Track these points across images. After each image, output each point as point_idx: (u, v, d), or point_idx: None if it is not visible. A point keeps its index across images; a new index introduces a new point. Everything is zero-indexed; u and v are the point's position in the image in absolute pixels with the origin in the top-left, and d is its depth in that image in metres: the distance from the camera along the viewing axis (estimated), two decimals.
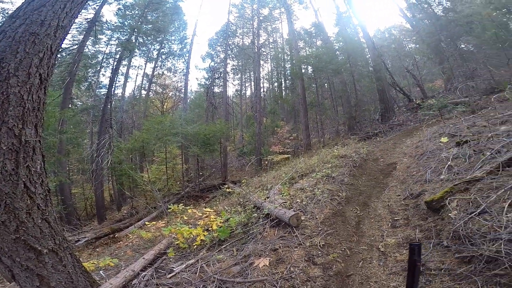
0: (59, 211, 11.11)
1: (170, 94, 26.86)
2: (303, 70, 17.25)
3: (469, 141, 5.20)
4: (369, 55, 16.94)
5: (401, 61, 22.06)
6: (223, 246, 4.26)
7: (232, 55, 25.79)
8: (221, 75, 21.92)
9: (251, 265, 3.34)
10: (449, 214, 3.30)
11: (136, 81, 24.14)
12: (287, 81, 25.27)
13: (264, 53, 26.83)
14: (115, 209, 14.97)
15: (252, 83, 28.05)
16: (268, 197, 5.83)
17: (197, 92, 30.29)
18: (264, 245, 3.80)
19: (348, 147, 9.85)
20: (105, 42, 19.03)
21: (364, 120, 15.02)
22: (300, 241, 3.77)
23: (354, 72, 15.20)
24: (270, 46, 28.94)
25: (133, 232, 6.84)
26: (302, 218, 4.38)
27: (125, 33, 18.21)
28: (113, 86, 17.80)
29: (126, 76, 21.12)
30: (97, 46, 18.40)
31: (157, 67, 24.07)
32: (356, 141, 11.41)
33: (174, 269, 3.76)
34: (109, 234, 8.75)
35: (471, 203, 3.23)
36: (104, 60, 19.34)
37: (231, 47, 24.13)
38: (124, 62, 19.88)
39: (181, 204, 5.92)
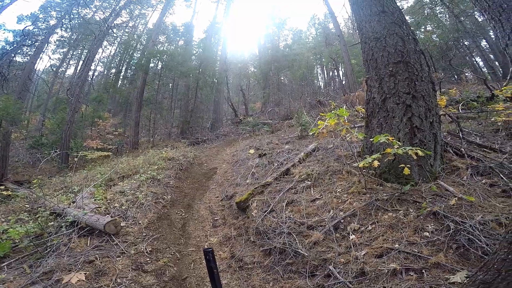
0: None
1: None
2: (152, 65, 16.23)
3: (267, 154, 6.87)
4: (218, 68, 18.34)
5: (240, 80, 25.58)
6: (5, 264, 3.07)
7: (68, 25, 19.22)
8: (35, 43, 15.74)
9: (59, 282, 2.67)
10: (252, 213, 4.17)
11: None
12: (129, 71, 22.21)
13: (114, 35, 22.11)
14: None
15: (81, 62, 22.03)
16: (74, 202, 4.80)
17: None
18: (73, 258, 3.12)
19: (178, 150, 10.07)
20: None
21: (196, 126, 15.96)
22: (122, 249, 3.43)
23: (200, 80, 15.93)
24: (126, 30, 24.38)
25: None
26: (123, 224, 3.99)
27: None
28: None
29: None
30: None
31: None
32: (185, 145, 11.89)
33: None
34: None
35: (264, 203, 4.23)
36: None
37: (72, 16, 18.01)
38: None
39: None
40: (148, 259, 3.39)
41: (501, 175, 3.21)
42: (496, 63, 14.42)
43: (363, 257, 2.51)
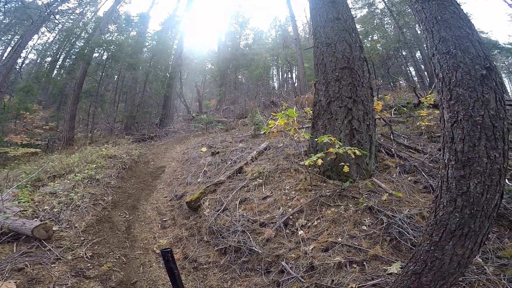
0: None
1: None
2: (96, 55, 14.71)
3: (220, 152, 6.81)
4: (171, 62, 17.39)
5: (195, 76, 24.61)
6: None
7: (2, 9, 15.72)
8: None
9: None
10: (204, 212, 4.08)
11: None
12: (67, 60, 19.47)
13: (57, 21, 18.91)
14: None
15: (10, 48, 18.41)
16: None
17: None
18: None
19: (120, 147, 9.32)
20: None
21: (143, 122, 14.92)
22: (57, 255, 3.13)
23: (151, 73, 15.00)
24: (71, 17, 21.10)
25: None
26: (55, 228, 3.59)
27: None
28: None
29: None
30: None
31: None
32: (130, 141, 11.03)
33: None
34: None
35: (217, 202, 4.19)
36: None
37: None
38: None
39: None
40: (89, 265, 3.13)
41: (422, 173, 3.72)
42: (426, 73, 16.53)
43: (311, 251, 2.66)
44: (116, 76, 17.74)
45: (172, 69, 16.78)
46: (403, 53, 17.86)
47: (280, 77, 26.75)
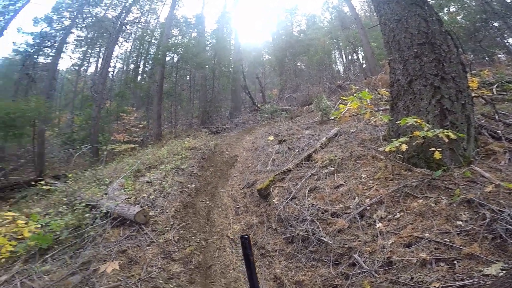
0: None
1: None
2: (168, 58, 16.29)
3: (287, 140, 6.80)
4: (232, 57, 18.26)
5: (255, 68, 25.32)
6: (48, 256, 3.35)
7: (83, 25, 19.72)
8: (54, 44, 16.42)
9: (96, 272, 2.87)
10: (273, 200, 4.17)
11: None
12: (146, 66, 22.54)
13: (129, 31, 22.45)
14: None
15: (100, 60, 22.65)
16: (106, 194, 5.07)
17: (8, 59, 20.94)
18: (107, 247, 3.34)
19: (199, 139, 10.24)
20: None
21: (216, 116, 16.11)
22: (152, 238, 3.60)
23: (216, 70, 15.93)
24: (139, 26, 24.76)
25: None
26: (151, 213, 4.17)
27: None
28: None
29: None
30: None
31: None
32: (206, 134, 12.07)
33: None
34: None
35: (286, 190, 4.21)
36: None
37: (85, 15, 18.54)
38: None
39: None
40: (175, 248, 3.52)
41: None
42: None
43: (391, 246, 2.44)
44: (188, 76, 19.53)
45: (234, 63, 17.50)
46: (495, 24, 14.31)
47: (344, 60, 24.84)
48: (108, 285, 2.70)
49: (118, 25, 16.16)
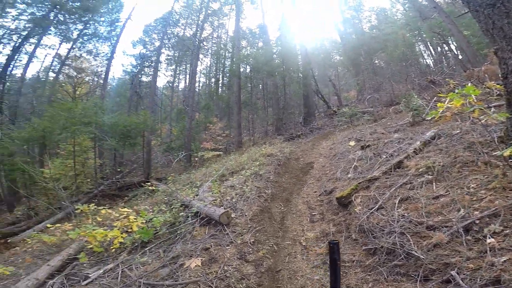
0: None
1: (86, 79, 22.75)
2: (241, 69, 17.22)
3: (371, 146, 6.23)
4: (300, 62, 18.18)
5: (326, 70, 24.60)
6: (147, 248, 3.96)
7: (169, 45, 23.69)
8: (152, 64, 20.06)
9: (182, 266, 3.20)
10: (355, 209, 3.86)
11: (43, 61, 19.27)
12: (224, 78, 24.78)
13: (206, 47, 25.58)
14: (5, 210, 12.02)
15: (188, 76, 26.41)
16: (197, 195, 5.69)
17: (120, 79, 26.69)
18: (194, 244, 3.69)
19: (275, 146, 10.45)
20: (13, 16, 14.71)
21: (289, 122, 16.20)
22: (231, 239, 3.80)
23: (286, 76, 16.09)
24: (213, 41, 28.00)
25: (32, 236, 5.65)
26: (233, 215, 4.43)
27: (43, 9, 14.69)
28: (11, 66, 14.32)
29: (32, 56, 16.43)
30: (0, 20, 14.22)
31: (74, 48, 19.66)
32: (281, 141, 12.24)
33: (90, 275, 3.32)
34: None
35: (371, 199, 3.84)
36: (4, 36, 15.09)
37: (169, 36, 22.27)
38: (33, 40, 15.86)
39: (93, 204, 5.18)
40: (250, 250, 3.63)
41: None
42: None
43: (503, 264, 2.00)
44: (260, 85, 20.38)
45: (303, 68, 17.18)
46: None
47: (433, 52, 21.26)
48: (189, 279, 2.96)
49: (197, 42, 18.26)
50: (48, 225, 5.19)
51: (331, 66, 24.80)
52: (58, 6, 15.18)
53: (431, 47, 21.19)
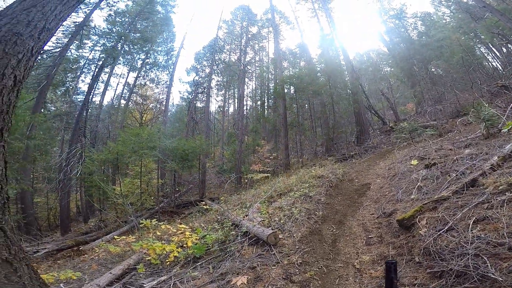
0: (18, 220, 10.34)
1: (150, 106, 26.03)
2: (285, 90, 17.48)
3: (437, 164, 5.58)
4: (348, 78, 17.61)
5: (377, 84, 23.26)
6: (199, 264, 4.11)
7: (218, 71, 25.77)
8: (205, 90, 21.91)
9: (229, 283, 3.24)
10: (419, 232, 3.46)
11: (116, 89, 23.07)
12: (269, 100, 25.52)
13: (250, 71, 27.10)
14: (81, 221, 14.05)
15: (236, 100, 28.04)
16: (247, 215, 5.76)
17: (178, 105, 29.70)
18: (242, 263, 3.72)
19: (325, 167, 10.09)
20: (89, 47, 18.26)
21: (341, 142, 15.54)
22: (278, 259, 3.74)
23: (333, 94, 15.71)
24: (256, 65, 29.49)
25: (100, 245, 6.38)
26: (280, 236, 4.37)
27: (111, 40, 17.83)
28: (92, 93, 17.09)
29: (107, 84, 20.04)
30: (80, 50, 17.64)
31: (140, 77, 23.18)
32: (333, 162, 11.75)
33: (145, 285, 3.57)
34: (73, 247, 8.21)
35: (439, 221, 3.42)
36: (85, 66, 18.49)
37: (217, 62, 24.24)
38: (106, 70, 19.20)
39: (155, 220, 5.68)
40: (297, 270, 3.50)
41: None
42: None
43: None
44: (306, 105, 20.20)
45: (351, 84, 16.51)
46: None
47: (498, 54, 18.41)
48: None
49: (242, 67, 19.31)
50: (116, 237, 5.81)
51: (382, 79, 23.38)
52: (123, 37, 18.04)
53: (494, 49, 18.61)
